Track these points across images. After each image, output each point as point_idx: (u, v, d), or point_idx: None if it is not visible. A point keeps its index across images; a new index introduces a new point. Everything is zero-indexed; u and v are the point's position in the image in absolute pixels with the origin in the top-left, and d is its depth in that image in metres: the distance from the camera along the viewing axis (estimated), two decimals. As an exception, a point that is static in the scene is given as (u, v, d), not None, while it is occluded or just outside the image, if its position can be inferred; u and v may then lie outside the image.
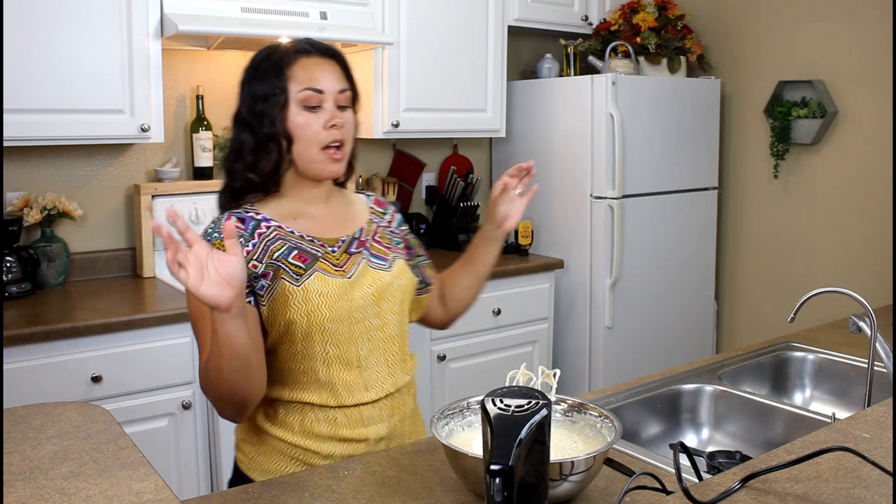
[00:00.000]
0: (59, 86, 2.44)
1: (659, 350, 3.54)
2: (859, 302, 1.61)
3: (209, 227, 1.42)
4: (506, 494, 0.95)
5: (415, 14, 3.12)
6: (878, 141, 3.25)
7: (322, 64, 1.42)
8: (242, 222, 1.40)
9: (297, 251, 1.41)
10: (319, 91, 1.40)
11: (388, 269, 1.48)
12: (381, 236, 1.53)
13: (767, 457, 1.08)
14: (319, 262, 1.41)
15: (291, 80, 1.40)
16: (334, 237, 1.46)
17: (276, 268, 1.38)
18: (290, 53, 1.41)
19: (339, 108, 1.44)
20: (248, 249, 1.38)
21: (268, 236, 1.40)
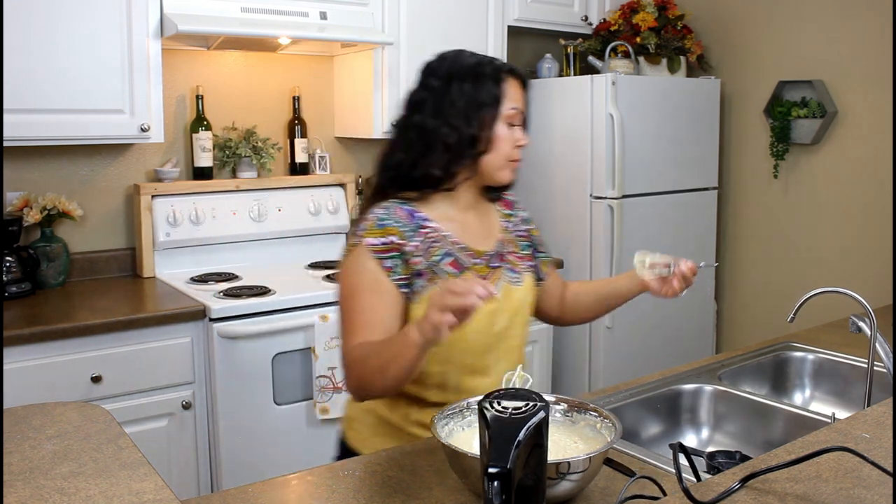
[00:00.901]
0: (59, 86, 2.44)
1: (659, 350, 3.54)
2: (859, 302, 1.61)
3: (381, 213, 1.45)
4: (504, 497, 0.95)
5: (415, 14, 3.12)
6: (878, 141, 3.25)
7: (520, 88, 1.53)
8: (410, 216, 1.46)
9: (452, 258, 1.48)
10: (520, 112, 1.51)
11: (521, 284, 1.56)
12: (514, 246, 1.60)
13: (767, 457, 1.08)
14: (468, 273, 1.48)
15: (505, 96, 1.48)
16: (481, 249, 1.53)
17: (432, 271, 1.44)
18: (504, 70, 1.50)
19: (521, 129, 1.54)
20: (416, 244, 1.44)
21: (430, 236, 1.46)
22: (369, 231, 1.44)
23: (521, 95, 1.52)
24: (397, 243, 1.42)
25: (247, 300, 2.49)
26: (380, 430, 1.53)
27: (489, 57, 1.53)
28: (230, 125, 3.10)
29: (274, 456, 2.53)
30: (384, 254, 1.42)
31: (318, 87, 3.31)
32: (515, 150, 1.51)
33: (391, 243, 1.42)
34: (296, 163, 3.21)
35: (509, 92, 1.49)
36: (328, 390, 2.55)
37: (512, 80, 1.50)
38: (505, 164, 1.51)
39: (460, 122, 1.45)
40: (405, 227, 1.44)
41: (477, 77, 1.47)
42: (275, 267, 3.00)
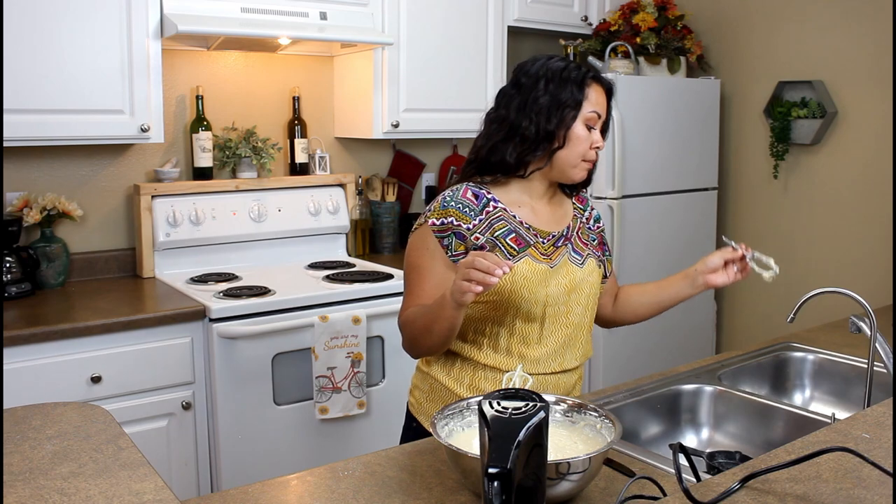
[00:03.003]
0: (59, 86, 2.44)
1: (659, 350, 3.54)
2: (859, 302, 1.61)
3: (448, 195, 1.61)
4: (504, 497, 0.95)
5: (415, 14, 3.12)
6: (878, 141, 3.25)
7: (603, 94, 1.63)
8: (476, 197, 1.60)
9: (515, 234, 1.60)
10: (599, 116, 1.62)
11: (582, 265, 1.66)
12: (581, 233, 1.71)
13: (767, 457, 1.08)
14: (531, 249, 1.60)
15: (586, 99, 1.59)
16: (547, 230, 1.64)
17: (493, 244, 1.58)
18: (589, 76, 1.61)
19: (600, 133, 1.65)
20: (475, 223, 1.58)
21: (494, 215, 1.60)
22: (433, 212, 1.60)
23: (604, 101, 1.63)
24: (455, 224, 1.57)
25: (247, 300, 2.49)
26: (433, 395, 1.66)
27: (577, 63, 1.64)
28: (230, 125, 3.10)
29: (274, 456, 2.53)
30: (442, 233, 1.58)
31: (317, 87, 3.31)
32: (591, 150, 1.62)
33: (450, 224, 1.57)
34: (296, 163, 3.21)
35: (591, 96, 1.60)
36: (328, 390, 2.55)
37: (596, 86, 1.61)
38: (578, 163, 1.61)
39: (541, 117, 1.58)
40: (467, 207, 1.58)
41: (563, 79, 1.60)
42: (275, 267, 3.00)
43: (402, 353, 2.75)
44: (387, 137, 3.21)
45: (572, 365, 1.64)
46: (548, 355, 1.60)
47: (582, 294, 1.64)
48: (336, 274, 2.85)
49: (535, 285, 1.56)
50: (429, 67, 3.18)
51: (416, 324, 1.55)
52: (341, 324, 2.55)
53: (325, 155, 3.27)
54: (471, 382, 1.61)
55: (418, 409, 1.70)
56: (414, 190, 3.59)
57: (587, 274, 1.65)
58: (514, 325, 1.58)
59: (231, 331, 2.43)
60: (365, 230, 3.32)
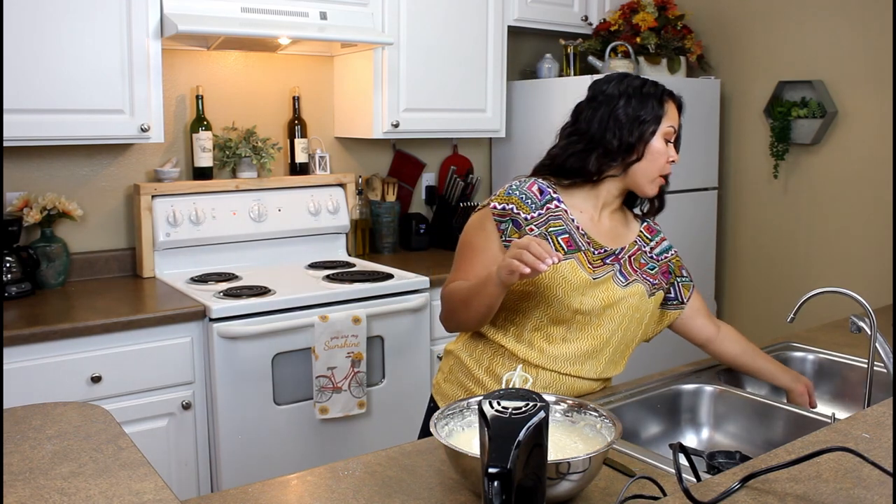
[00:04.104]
0: (59, 86, 2.44)
1: (659, 350, 3.53)
2: (859, 302, 1.61)
3: (514, 184, 1.66)
4: (504, 497, 0.95)
5: (415, 14, 3.12)
6: (878, 141, 3.25)
7: (676, 109, 1.69)
8: (541, 192, 1.65)
9: (568, 235, 1.64)
10: (676, 132, 1.68)
11: (626, 287, 1.66)
12: (635, 259, 1.71)
13: (767, 457, 1.08)
14: (579, 254, 1.63)
15: (665, 115, 1.65)
16: (600, 243, 1.67)
17: (545, 237, 1.61)
18: (667, 93, 1.68)
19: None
20: (533, 216, 1.63)
21: (553, 213, 1.65)
22: (497, 197, 1.66)
23: (678, 117, 1.69)
24: (514, 212, 1.62)
25: (247, 300, 2.49)
26: (451, 376, 1.72)
27: (653, 80, 1.70)
28: (230, 125, 3.10)
29: (274, 456, 2.53)
30: (501, 217, 1.63)
31: (318, 87, 3.31)
32: (667, 164, 1.66)
33: (510, 211, 1.62)
34: (296, 163, 3.21)
35: (669, 112, 1.66)
36: (328, 390, 2.55)
37: (671, 102, 1.67)
38: (655, 177, 1.66)
39: (623, 131, 1.63)
40: (529, 199, 1.63)
41: (644, 95, 1.66)
42: (275, 267, 3.00)
43: (402, 353, 2.77)
44: (387, 137, 3.21)
45: (590, 375, 1.66)
46: (567, 358, 1.63)
47: (618, 312, 1.65)
48: (336, 274, 2.85)
49: (571, 289, 1.59)
50: (429, 67, 3.18)
51: (456, 296, 1.61)
52: (341, 324, 2.55)
53: (325, 155, 3.27)
54: (489, 365, 1.66)
55: (437, 389, 1.76)
56: (414, 190, 3.59)
57: (629, 295, 1.66)
58: (541, 321, 1.61)
59: (231, 331, 2.43)
60: (365, 230, 3.32)
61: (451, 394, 1.71)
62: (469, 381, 1.68)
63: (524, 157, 3.59)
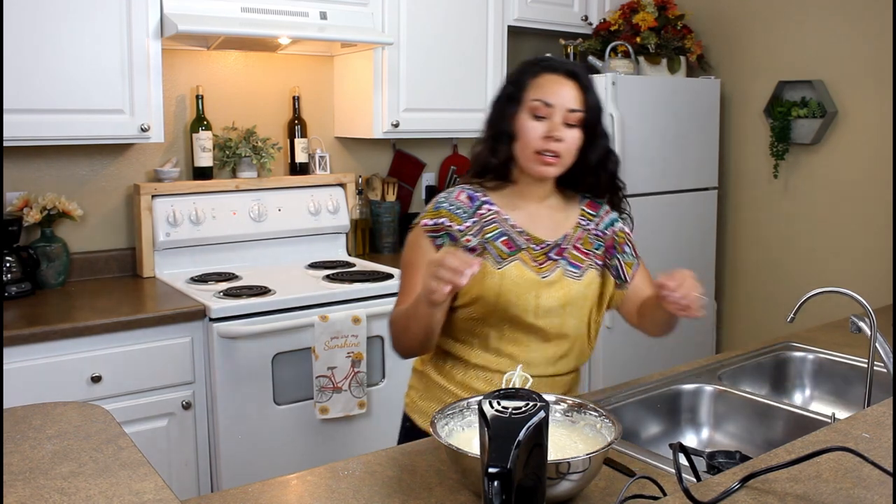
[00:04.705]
0: (59, 86, 2.44)
1: (659, 350, 3.53)
2: (859, 302, 1.61)
3: (441, 197, 1.62)
4: (504, 497, 0.95)
5: (415, 14, 3.12)
6: (878, 141, 3.25)
7: (561, 82, 1.56)
8: (470, 199, 1.61)
9: (507, 237, 1.58)
10: (548, 104, 1.54)
11: (580, 278, 1.60)
12: (582, 242, 1.64)
13: (767, 457, 1.08)
14: (521, 254, 1.58)
15: (529, 89, 1.56)
16: (541, 238, 1.61)
17: (483, 246, 1.57)
18: (538, 66, 1.58)
19: (567, 126, 1.55)
20: (467, 225, 1.58)
21: (486, 218, 1.59)
22: (427, 213, 1.62)
23: (564, 91, 1.55)
24: (447, 225, 1.58)
25: (247, 300, 2.49)
26: (427, 394, 1.66)
27: (548, 57, 1.63)
28: (230, 125, 3.10)
29: (274, 456, 2.53)
30: (435, 233, 1.58)
31: (318, 87, 3.31)
32: (543, 141, 1.54)
33: (442, 224, 1.58)
34: (296, 163, 3.21)
35: (537, 86, 1.55)
36: (328, 390, 2.55)
37: (549, 76, 1.56)
38: (532, 156, 1.55)
39: (495, 114, 1.61)
40: (460, 209, 1.59)
41: (515, 74, 1.61)
42: (275, 267, 3.00)
43: (402, 353, 2.76)
44: (387, 137, 3.21)
45: (565, 370, 1.64)
46: (539, 362, 1.59)
47: (577, 307, 1.60)
48: (336, 274, 2.85)
49: (523, 291, 1.54)
50: (429, 67, 3.18)
51: (397, 323, 1.56)
52: (341, 323, 2.55)
53: (325, 155, 3.27)
54: (462, 381, 1.61)
55: (412, 407, 1.70)
56: (414, 190, 3.59)
57: (585, 287, 1.61)
58: (502, 329, 1.57)
59: (231, 330, 2.43)
60: (365, 230, 3.32)
61: (430, 412, 1.62)
62: (447, 397, 1.62)
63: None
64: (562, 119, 1.54)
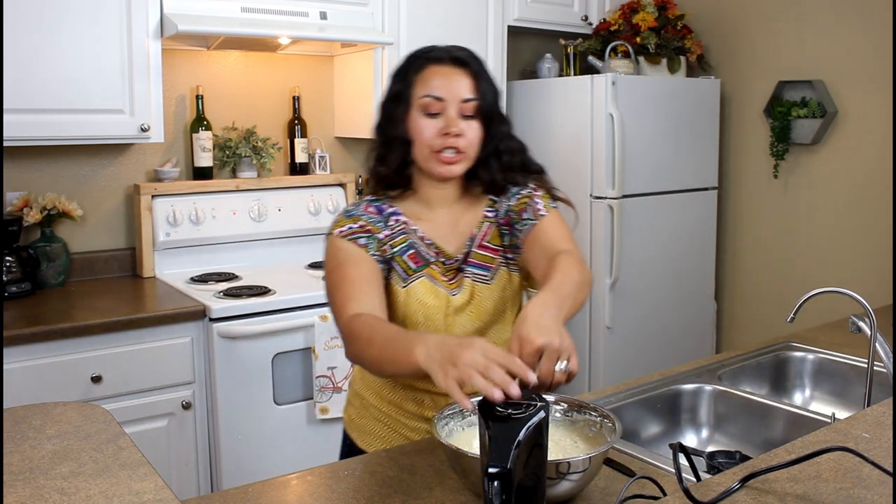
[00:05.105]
0: (59, 86, 2.44)
1: (659, 350, 3.54)
2: (859, 302, 1.61)
3: (349, 208, 1.51)
4: (504, 497, 0.95)
5: (415, 14, 3.12)
6: (878, 141, 3.25)
7: (449, 73, 1.43)
8: (379, 212, 1.50)
9: (413, 251, 1.48)
10: (439, 99, 1.42)
11: (490, 281, 1.50)
12: (491, 238, 1.53)
13: (767, 457, 1.08)
14: (429, 268, 1.47)
15: (417, 85, 1.44)
16: (449, 252, 1.50)
17: (391, 262, 1.46)
18: (422, 59, 1.45)
19: (464, 118, 1.43)
20: (386, 234, 1.48)
21: (396, 228, 1.49)
22: (338, 223, 1.48)
23: (456, 83, 1.42)
24: (368, 227, 1.46)
25: (247, 300, 2.49)
26: (364, 412, 1.58)
27: (431, 47, 1.47)
28: (230, 125, 3.10)
29: (274, 456, 2.53)
30: (356, 234, 1.45)
31: (318, 87, 3.31)
32: (442, 138, 1.41)
33: (362, 227, 1.46)
34: (296, 163, 3.21)
35: (424, 81, 1.43)
36: (328, 390, 2.55)
37: (434, 68, 1.43)
38: (431, 156, 1.43)
39: (383, 121, 1.48)
40: (373, 218, 1.48)
41: (395, 73, 1.48)
42: (275, 267, 3.00)
43: (402, 353, 2.76)
44: (387, 137, 3.20)
45: None
46: None
47: (496, 314, 1.50)
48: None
49: (432, 311, 1.43)
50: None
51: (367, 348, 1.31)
52: (341, 324, 2.55)
53: (326, 155, 3.27)
54: (392, 400, 1.53)
55: (351, 425, 1.61)
56: (414, 190, 3.59)
57: (500, 290, 1.50)
58: None
59: (231, 330, 2.43)
60: (365, 230, 3.32)
61: (369, 430, 1.56)
62: (383, 416, 1.54)
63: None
64: (457, 112, 1.42)
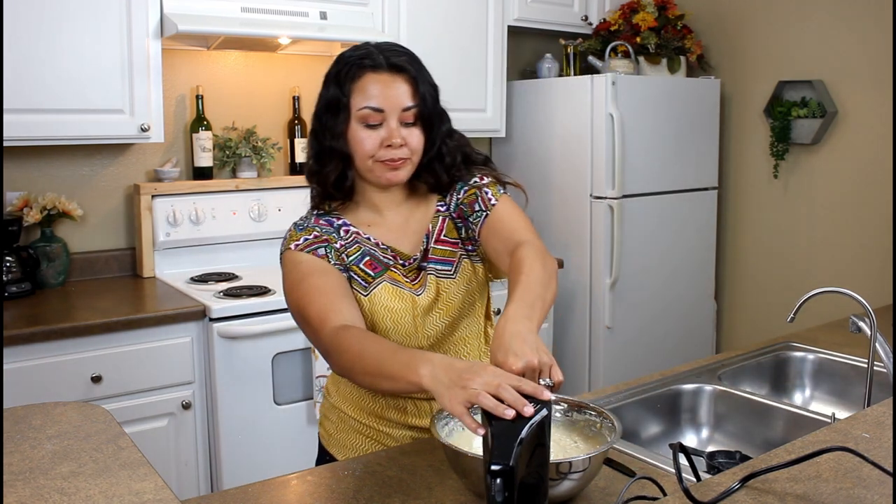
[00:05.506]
0: (59, 86, 2.44)
1: (659, 350, 3.54)
2: (859, 302, 1.61)
3: (298, 222, 1.45)
4: (506, 495, 0.95)
5: (414, 14, 3.12)
6: (878, 141, 3.25)
7: (388, 81, 1.37)
8: (329, 224, 1.44)
9: (370, 258, 1.43)
10: (379, 110, 1.37)
11: (454, 275, 1.45)
12: (447, 232, 1.48)
13: (767, 457, 1.08)
14: (389, 272, 1.43)
15: (355, 95, 1.37)
16: (406, 253, 1.45)
17: (348, 272, 1.41)
18: (357, 66, 1.37)
19: (405, 126, 1.39)
20: (342, 243, 1.43)
21: (346, 239, 1.43)
22: (291, 237, 1.43)
23: (391, 89, 1.37)
24: (324, 237, 1.41)
25: (247, 300, 2.49)
26: (342, 425, 1.54)
27: (366, 50, 1.39)
28: (230, 125, 3.10)
29: (274, 456, 2.53)
30: (314, 245, 1.40)
31: (318, 86, 3.28)
32: (384, 150, 1.37)
33: (317, 238, 1.41)
34: (296, 163, 3.21)
35: (361, 90, 1.36)
36: (328, 390, 2.55)
37: (371, 76, 1.36)
38: (372, 167, 1.38)
39: (319, 132, 1.41)
40: (326, 229, 1.43)
41: (329, 79, 1.40)
42: (275, 267, 2.98)
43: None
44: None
45: None
46: None
47: (464, 307, 1.46)
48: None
49: (399, 315, 1.39)
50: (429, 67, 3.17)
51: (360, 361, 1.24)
52: (341, 324, 2.55)
53: (325, 155, 3.27)
54: (373, 411, 1.49)
55: (329, 441, 1.56)
56: (414, 190, 3.59)
57: (464, 282, 1.46)
58: None
59: (231, 330, 2.43)
60: (365, 230, 3.32)
61: (351, 445, 1.51)
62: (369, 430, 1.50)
63: (524, 156, 3.59)
64: (398, 121, 1.37)
